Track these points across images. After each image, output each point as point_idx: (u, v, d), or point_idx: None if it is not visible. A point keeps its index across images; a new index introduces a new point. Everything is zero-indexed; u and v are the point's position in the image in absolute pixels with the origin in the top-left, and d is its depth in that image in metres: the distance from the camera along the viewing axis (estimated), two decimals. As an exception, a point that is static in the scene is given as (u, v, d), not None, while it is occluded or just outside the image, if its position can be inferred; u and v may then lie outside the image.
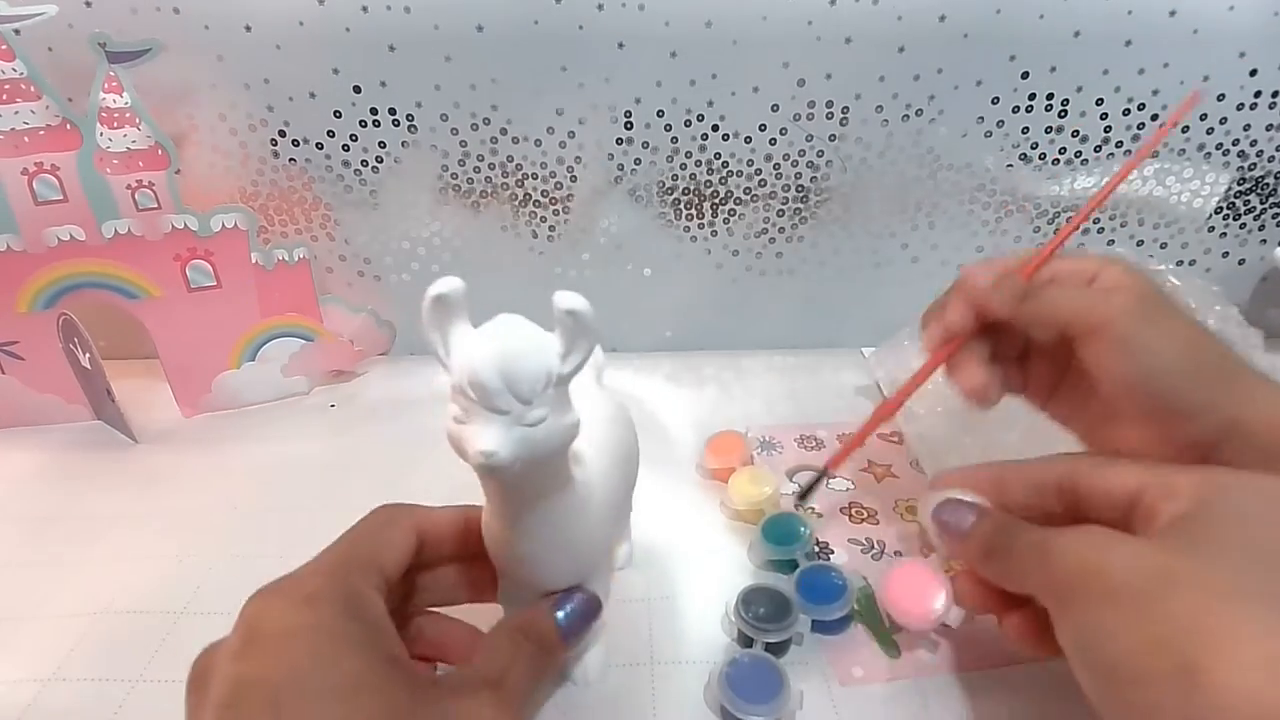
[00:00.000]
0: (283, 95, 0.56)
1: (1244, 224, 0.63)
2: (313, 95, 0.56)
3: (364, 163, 0.59)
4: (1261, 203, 0.62)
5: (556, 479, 0.30)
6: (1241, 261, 0.65)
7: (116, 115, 0.51)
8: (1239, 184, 0.61)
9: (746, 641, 0.36)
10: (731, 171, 0.61)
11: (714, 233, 0.63)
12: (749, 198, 0.62)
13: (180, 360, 0.57)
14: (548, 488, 0.29)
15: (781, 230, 0.63)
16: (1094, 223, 0.63)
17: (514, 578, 0.33)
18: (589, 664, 0.36)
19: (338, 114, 0.56)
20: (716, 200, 0.62)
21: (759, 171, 0.61)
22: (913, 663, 0.36)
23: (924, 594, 0.35)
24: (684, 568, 0.43)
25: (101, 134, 0.51)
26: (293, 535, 0.45)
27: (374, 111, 0.56)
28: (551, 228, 0.62)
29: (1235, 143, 0.59)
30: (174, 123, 0.56)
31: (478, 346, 0.26)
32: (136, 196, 0.52)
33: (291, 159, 0.58)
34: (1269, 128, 0.58)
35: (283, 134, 0.57)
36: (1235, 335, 0.40)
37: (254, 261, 0.56)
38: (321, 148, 0.58)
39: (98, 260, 0.52)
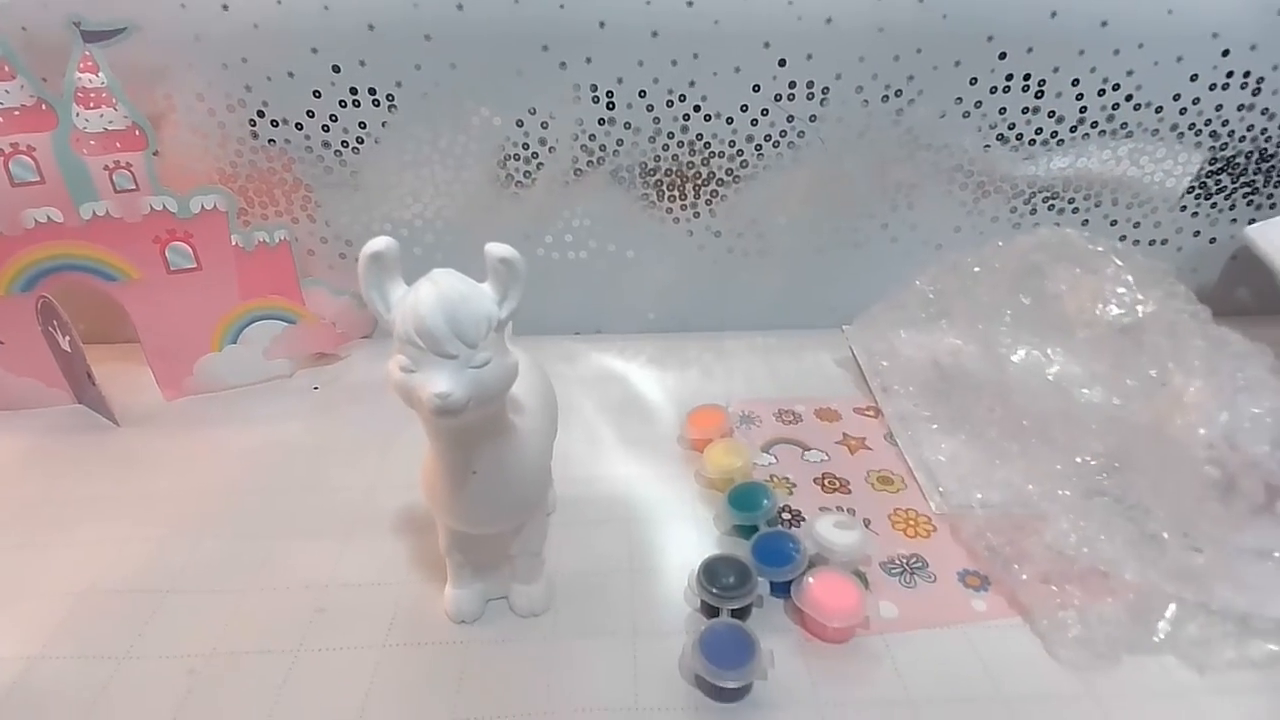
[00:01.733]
0: (261, 75, 0.55)
1: (1215, 203, 0.64)
2: (291, 75, 0.55)
3: (344, 143, 0.58)
4: (1232, 182, 0.63)
5: (500, 422, 0.32)
6: (1212, 240, 0.66)
7: (93, 95, 0.51)
8: (1210, 164, 0.62)
9: (711, 611, 0.37)
10: (714, 152, 0.61)
11: (696, 214, 0.64)
12: (731, 179, 0.62)
13: (161, 343, 0.57)
14: (491, 431, 0.32)
15: (763, 211, 0.64)
16: (1069, 202, 0.64)
17: (460, 524, 0.35)
18: (535, 597, 0.38)
19: (317, 94, 0.56)
20: (699, 181, 0.62)
21: (740, 152, 0.61)
22: (876, 619, 0.38)
23: (842, 595, 0.36)
24: (658, 536, 0.44)
25: (78, 114, 0.50)
26: (278, 516, 0.46)
27: (354, 91, 0.56)
28: (534, 208, 0.62)
29: (1208, 123, 0.60)
30: (151, 103, 0.55)
31: (421, 298, 0.28)
32: (114, 178, 0.52)
33: (271, 140, 0.58)
34: (1240, 108, 0.59)
35: (261, 114, 0.57)
36: (1183, 311, 0.41)
37: (234, 243, 0.56)
38: (301, 128, 0.58)
39: (76, 242, 0.52)
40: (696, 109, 0.59)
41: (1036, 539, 0.39)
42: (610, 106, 0.58)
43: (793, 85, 0.58)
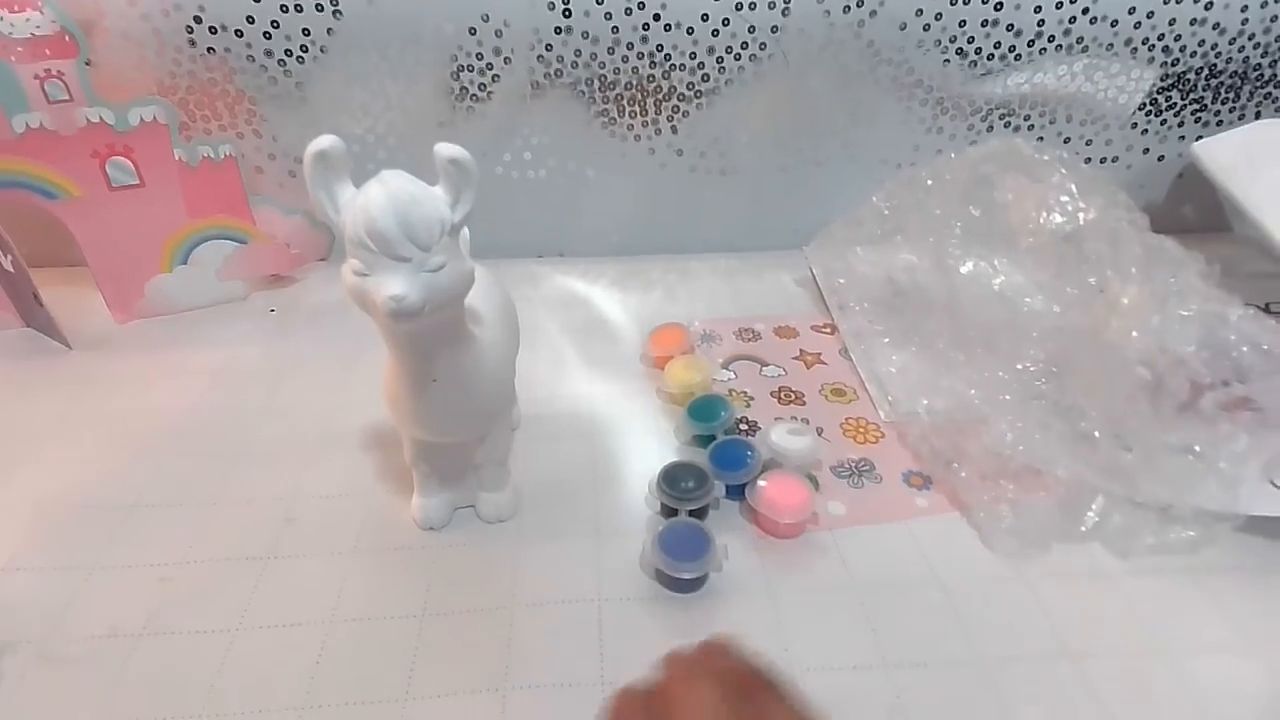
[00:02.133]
0: (196, -23, 0.52)
1: (1164, 120, 0.65)
2: (228, -23, 0.53)
3: (288, 52, 0.56)
4: (1182, 99, 0.64)
5: (458, 330, 0.32)
6: (1161, 158, 0.67)
7: (15, -2, 0.48)
8: (1162, 80, 0.63)
9: (670, 513, 0.39)
10: (674, 65, 0.60)
11: (658, 131, 0.63)
12: (692, 93, 0.61)
13: (108, 263, 0.55)
14: (450, 338, 0.32)
15: (725, 129, 0.63)
16: (1024, 119, 0.64)
17: (422, 433, 0.36)
18: (501, 504, 0.39)
19: (257, -2, 0.53)
20: (660, 96, 0.61)
21: (701, 65, 0.60)
22: (824, 517, 0.40)
23: (792, 494, 0.38)
24: (620, 447, 0.45)
25: (2, 18, 0.47)
26: (241, 433, 0.46)
27: (296, -4, 0.54)
28: (491, 124, 0.61)
29: (1160, 38, 0.61)
30: (80, 7, 0.52)
31: (371, 199, 0.27)
32: (46, 87, 0.49)
33: (210, 48, 0.55)
34: (1192, 22, 0.60)
35: (198, 20, 0.54)
36: (1122, 218, 0.43)
37: (177, 158, 0.54)
38: (241, 35, 0.55)
39: (10, 157, 0.50)
40: (656, 18, 0.57)
41: (976, 441, 0.41)
42: (567, 14, 0.56)
43: (754, -7, 0.57)
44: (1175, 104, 0.64)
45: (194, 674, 0.32)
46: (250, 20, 0.54)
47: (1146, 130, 0.66)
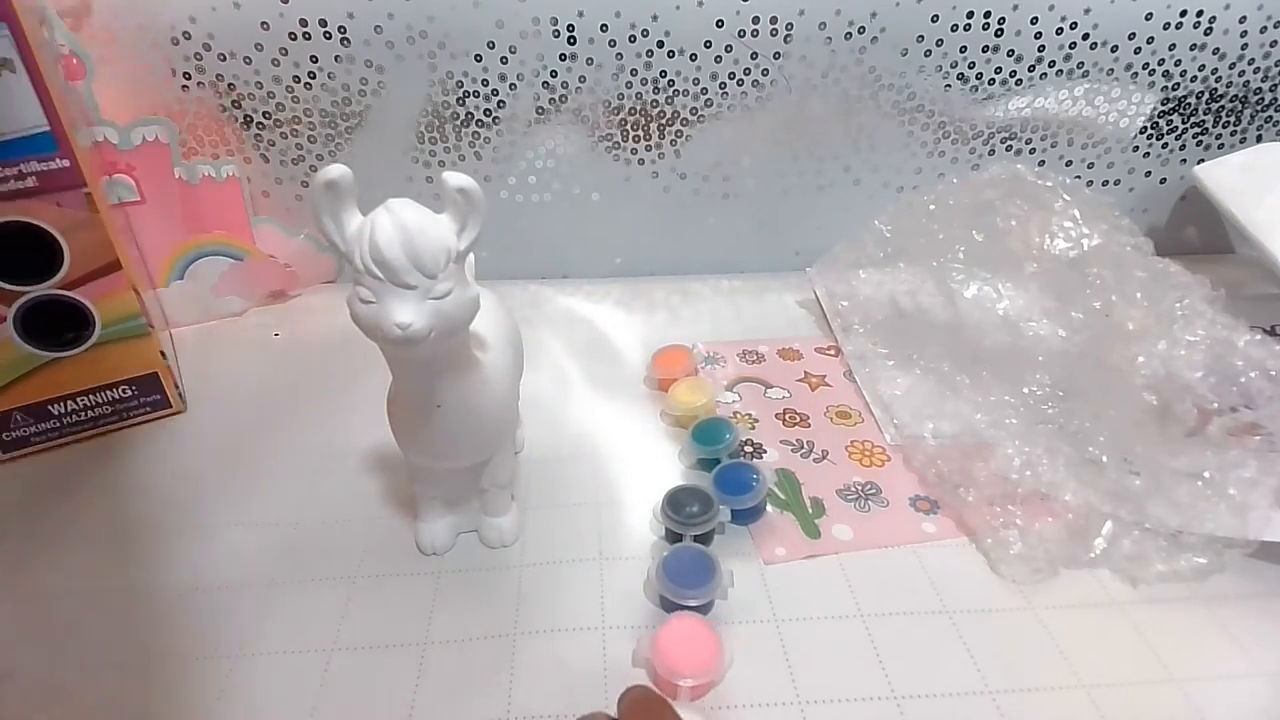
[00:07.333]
0: (205, 4, 0.53)
1: (1166, 144, 0.66)
2: (237, 5, 0.53)
3: (295, 78, 0.56)
4: (1183, 122, 0.65)
5: (463, 356, 0.32)
6: (1163, 181, 0.68)
7: (25, 23, 0.48)
8: (1162, 104, 0.63)
9: (675, 538, 0.39)
10: (678, 90, 0.60)
11: (661, 155, 0.63)
12: (695, 118, 0.62)
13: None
14: (455, 365, 0.32)
15: (728, 153, 0.63)
16: (1026, 143, 0.64)
17: (425, 458, 0.36)
18: (504, 529, 0.39)
19: (265, 25, 0.54)
20: (663, 121, 0.62)
21: (704, 90, 0.60)
22: (830, 541, 0.40)
23: (697, 646, 0.32)
24: (624, 471, 0.45)
25: (9, 44, 0.48)
26: (241, 455, 0.46)
27: (303, 23, 0.54)
28: (495, 149, 0.61)
29: (1160, 63, 0.61)
30: (89, 32, 0.52)
31: (378, 227, 0.27)
32: (53, 110, 0.50)
33: (218, 74, 0.56)
34: (1192, 47, 0.60)
35: (208, 47, 0.55)
36: (1127, 243, 0.43)
37: (178, 176, 0.55)
38: (250, 62, 0.55)
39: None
40: (660, 44, 0.58)
41: (983, 465, 0.41)
42: (571, 41, 0.57)
43: (756, 20, 0.57)
44: (1176, 128, 0.65)
45: (193, 702, 0.32)
46: (259, 47, 0.55)
47: (1148, 153, 0.66)
